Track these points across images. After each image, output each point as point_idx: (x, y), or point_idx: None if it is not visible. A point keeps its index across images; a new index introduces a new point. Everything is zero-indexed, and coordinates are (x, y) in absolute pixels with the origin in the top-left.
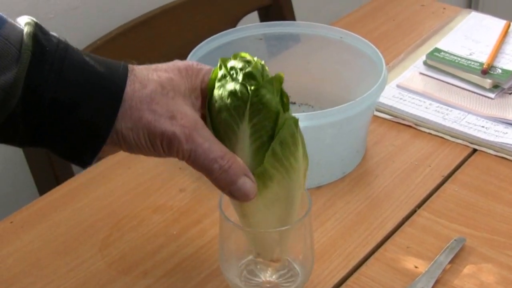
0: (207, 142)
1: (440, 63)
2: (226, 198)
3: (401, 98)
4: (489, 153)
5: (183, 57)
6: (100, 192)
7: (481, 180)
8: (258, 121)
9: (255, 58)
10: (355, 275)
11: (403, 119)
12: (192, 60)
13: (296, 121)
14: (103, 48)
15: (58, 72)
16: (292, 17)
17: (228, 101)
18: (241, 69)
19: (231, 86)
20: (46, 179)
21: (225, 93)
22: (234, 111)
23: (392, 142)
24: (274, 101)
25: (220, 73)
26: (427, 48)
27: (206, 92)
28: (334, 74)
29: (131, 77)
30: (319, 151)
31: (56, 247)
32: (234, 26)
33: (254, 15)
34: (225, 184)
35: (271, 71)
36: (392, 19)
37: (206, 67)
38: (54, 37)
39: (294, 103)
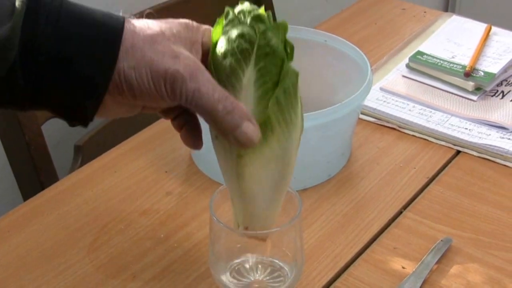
0: (210, 83)
1: (423, 66)
2: (216, 199)
3: (384, 101)
4: (473, 155)
5: None
6: (86, 196)
7: (465, 181)
8: (264, 65)
9: (262, 7)
10: (343, 276)
11: (387, 122)
12: None
13: (297, 73)
14: None
15: (55, 23)
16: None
17: (235, 44)
18: (249, 12)
19: (239, 29)
20: (30, 184)
21: (233, 36)
22: (240, 54)
23: (377, 145)
24: (280, 45)
25: (228, 19)
26: (410, 51)
27: (207, 47)
28: (318, 77)
29: (131, 23)
30: (305, 154)
31: (43, 251)
32: None
33: None
34: (230, 126)
35: None
36: (374, 23)
37: (206, 25)
38: None
39: None
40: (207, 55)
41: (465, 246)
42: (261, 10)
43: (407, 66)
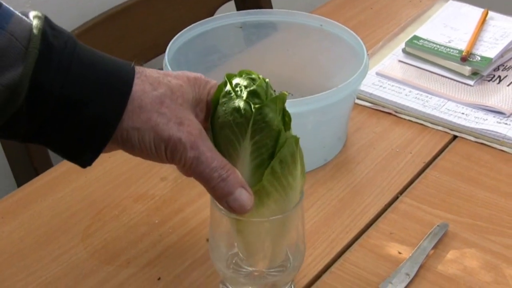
0: (210, 152)
1: (419, 51)
2: None
3: (380, 86)
4: (469, 140)
5: (161, 47)
6: (81, 182)
7: (462, 166)
8: (259, 139)
9: (260, 76)
10: (339, 261)
11: (383, 107)
12: (171, 49)
13: (297, 140)
14: (80, 37)
15: (66, 70)
16: (269, 6)
17: (231, 117)
18: (246, 87)
19: (235, 103)
20: (25, 170)
21: (229, 110)
22: (236, 127)
23: (373, 129)
24: (276, 120)
25: (225, 89)
26: (406, 36)
27: (211, 106)
28: (314, 62)
29: (141, 77)
30: (301, 138)
31: (37, 237)
32: (212, 15)
33: (231, 4)
34: (223, 193)
35: (250, 59)
36: (370, 8)
37: (213, 81)
38: (63, 33)
39: (274, 91)
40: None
41: (461, 231)
42: (258, 84)
43: (403, 51)
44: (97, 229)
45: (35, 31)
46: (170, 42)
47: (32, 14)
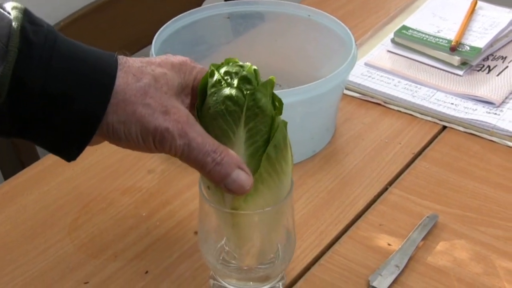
0: (200, 136)
1: (408, 41)
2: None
3: (369, 76)
4: (459, 130)
5: (148, 38)
6: (67, 174)
7: (452, 157)
8: (253, 126)
9: (247, 63)
10: (328, 253)
11: (372, 97)
12: (158, 41)
13: (285, 123)
14: (66, 29)
15: (47, 66)
16: None
17: (224, 106)
18: (236, 74)
19: (226, 91)
20: (11, 163)
21: (220, 99)
22: (229, 116)
23: (362, 120)
24: (269, 105)
25: (214, 79)
26: (395, 26)
27: (197, 92)
28: (302, 53)
29: (124, 69)
30: (289, 130)
31: (24, 231)
32: (199, 6)
33: None
34: (219, 177)
35: (238, 50)
36: None
37: (199, 66)
38: (43, 27)
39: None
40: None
41: (451, 222)
42: (248, 70)
43: (392, 41)
44: (84, 222)
45: (14, 26)
46: (157, 33)
47: (10, 5)
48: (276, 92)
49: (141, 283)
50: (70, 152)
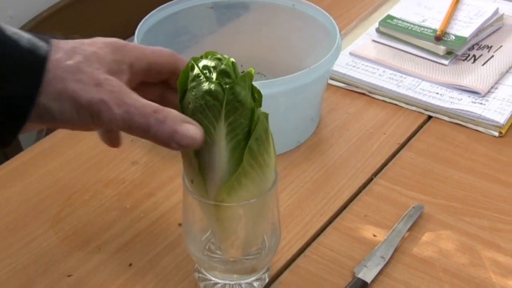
0: (138, 101)
1: (393, 30)
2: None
3: (354, 66)
4: (444, 120)
5: (132, 28)
6: (50, 166)
7: (437, 147)
8: (234, 120)
9: (225, 56)
10: (313, 245)
11: (357, 87)
12: (141, 31)
13: (266, 115)
14: (48, 20)
15: None
16: None
17: (203, 101)
18: (214, 68)
19: (205, 86)
20: None
21: (199, 93)
22: (209, 111)
23: (346, 110)
24: (249, 97)
25: (194, 73)
26: (379, 15)
27: (136, 68)
28: (286, 42)
29: (56, 50)
30: (274, 120)
31: (6, 224)
32: None
33: None
34: (167, 136)
35: (222, 40)
36: None
37: (132, 44)
38: None
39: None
40: (136, 74)
41: (437, 213)
42: (226, 63)
43: (377, 30)
44: (67, 215)
45: None
46: (140, 24)
47: None
48: (260, 82)
49: (125, 275)
50: (4, 138)
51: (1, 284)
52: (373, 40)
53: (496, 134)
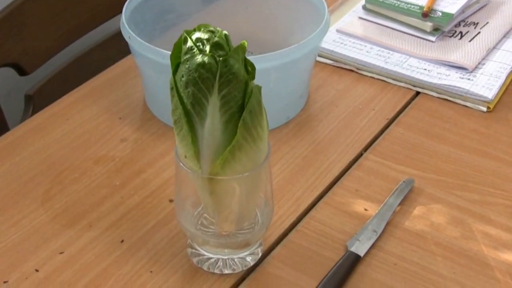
0: None
1: (380, 7)
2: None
3: (341, 43)
4: (432, 96)
5: (119, 7)
6: (39, 145)
7: (426, 122)
8: (227, 92)
9: (218, 28)
10: (305, 219)
11: (345, 64)
12: (128, 9)
13: (259, 88)
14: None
15: None
16: None
17: (196, 74)
18: (207, 40)
19: (198, 58)
20: None
21: (193, 66)
22: (203, 84)
23: (335, 87)
24: (242, 70)
25: (187, 46)
26: None
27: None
28: (273, 20)
29: None
30: (263, 96)
31: None
32: None
33: None
34: None
35: (208, 18)
36: None
37: None
38: None
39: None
40: None
41: (427, 187)
42: (219, 35)
43: (364, 7)
44: (57, 192)
45: None
46: (127, 2)
47: None
48: (249, 58)
49: (117, 252)
50: None
51: None
52: (360, 17)
53: (484, 109)
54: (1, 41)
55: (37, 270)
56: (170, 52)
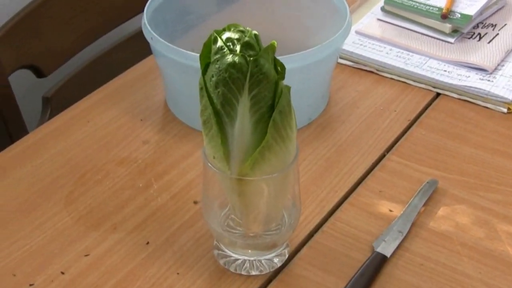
0: None
1: (399, 9)
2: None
3: (361, 44)
4: (453, 97)
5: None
6: (60, 147)
7: (447, 123)
8: (258, 92)
9: (248, 28)
10: (331, 220)
11: (365, 65)
12: (149, 9)
13: (289, 88)
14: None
15: None
16: None
17: (227, 74)
18: (238, 40)
19: (229, 58)
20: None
21: (223, 66)
22: (233, 84)
23: (355, 88)
24: (272, 70)
25: (217, 46)
26: None
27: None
28: (293, 20)
29: None
30: None
31: (18, 205)
32: None
33: None
34: None
35: (229, 18)
36: None
37: None
38: None
39: None
40: None
41: (451, 188)
42: (249, 35)
43: (382, 9)
44: (80, 195)
45: None
46: (148, 3)
47: None
48: (278, 58)
49: (142, 254)
50: None
51: (17, 265)
52: (379, 19)
53: (505, 110)
54: (19, 43)
55: (62, 273)
56: (193, 53)
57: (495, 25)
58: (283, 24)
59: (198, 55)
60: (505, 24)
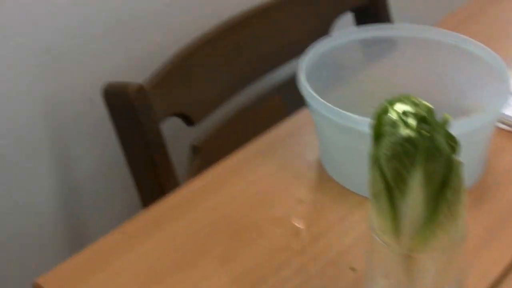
0: None
1: None
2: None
3: None
4: None
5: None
6: (213, 201)
7: None
8: (431, 168)
9: (420, 100)
10: None
11: None
12: (303, 65)
13: (461, 164)
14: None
15: None
16: (387, 18)
17: (401, 148)
18: (413, 114)
19: (404, 132)
20: (149, 185)
21: (398, 140)
22: (407, 158)
23: None
24: (446, 145)
25: (390, 117)
26: None
27: None
28: (444, 79)
29: None
30: None
31: (174, 260)
32: (327, 28)
33: (347, 17)
34: None
35: (378, 74)
36: (496, 18)
37: None
38: None
39: None
40: None
41: None
42: (424, 108)
43: None
44: (235, 253)
45: None
46: (303, 59)
47: None
48: None
49: None
50: None
51: None
52: None
53: None
54: (170, 89)
55: None
56: (355, 116)
57: None
58: (433, 82)
59: (359, 117)
60: None
